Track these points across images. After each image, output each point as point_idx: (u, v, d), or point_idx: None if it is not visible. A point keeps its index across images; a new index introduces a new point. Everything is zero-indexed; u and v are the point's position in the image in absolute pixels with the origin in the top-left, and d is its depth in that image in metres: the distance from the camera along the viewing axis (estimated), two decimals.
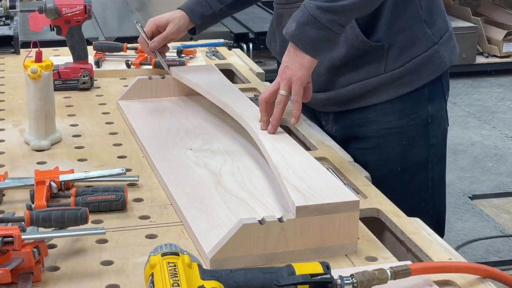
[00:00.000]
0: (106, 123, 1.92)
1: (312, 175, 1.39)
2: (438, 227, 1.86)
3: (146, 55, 2.35)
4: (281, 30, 1.69)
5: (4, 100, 2.09)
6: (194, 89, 1.94)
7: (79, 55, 2.17)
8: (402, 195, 1.66)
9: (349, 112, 1.82)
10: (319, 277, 1.10)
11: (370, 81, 1.76)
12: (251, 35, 3.55)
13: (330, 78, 1.79)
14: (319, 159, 1.71)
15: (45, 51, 2.57)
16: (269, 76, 2.57)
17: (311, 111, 1.94)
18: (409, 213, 1.48)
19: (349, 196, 1.32)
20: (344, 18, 1.57)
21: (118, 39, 2.89)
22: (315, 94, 1.75)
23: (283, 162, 1.45)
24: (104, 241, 1.33)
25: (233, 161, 1.64)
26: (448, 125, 1.90)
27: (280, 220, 1.26)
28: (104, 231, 1.23)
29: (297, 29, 1.57)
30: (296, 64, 1.58)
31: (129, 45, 2.41)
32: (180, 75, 2.00)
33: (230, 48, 2.66)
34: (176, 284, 1.03)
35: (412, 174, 1.83)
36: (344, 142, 1.84)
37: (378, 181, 1.67)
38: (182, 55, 2.41)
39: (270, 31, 1.97)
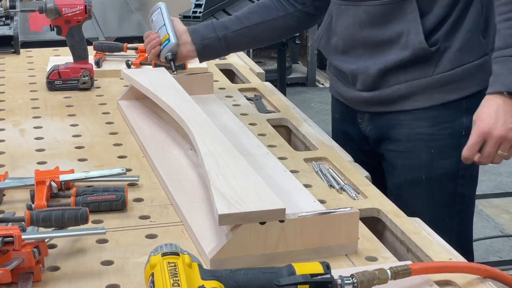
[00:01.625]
0: (106, 123, 1.92)
1: (243, 182, 1.36)
2: (464, 246, 1.79)
3: (146, 55, 2.35)
4: (340, 27, 1.80)
5: (4, 100, 2.09)
6: (142, 91, 1.93)
7: (79, 55, 2.17)
8: (426, 204, 1.72)
9: (385, 114, 1.81)
10: (320, 277, 1.10)
11: (417, 82, 1.75)
12: None
13: (379, 78, 1.78)
14: (319, 159, 1.71)
15: (45, 51, 2.58)
16: (269, 76, 2.58)
17: (348, 109, 1.91)
18: (432, 224, 1.45)
19: (276, 204, 1.28)
20: None
21: (118, 39, 2.89)
22: (359, 93, 1.81)
23: (216, 167, 1.42)
24: (104, 241, 1.33)
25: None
26: None
27: (280, 220, 1.26)
28: (104, 231, 1.23)
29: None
30: None
31: (129, 45, 2.41)
32: (130, 78, 1.99)
33: None
34: (177, 284, 1.03)
35: (439, 184, 1.78)
36: (376, 142, 1.86)
37: (403, 186, 1.73)
38: None
39: (323, 28, 1.91)
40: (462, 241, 1.83)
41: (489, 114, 1.55)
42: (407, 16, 1.72)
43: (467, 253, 1.84)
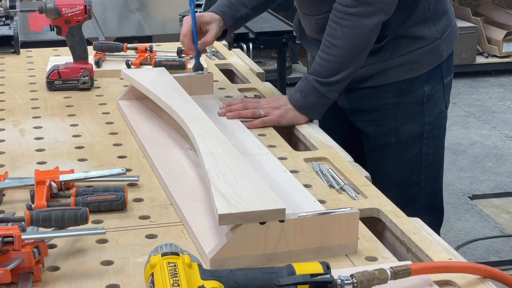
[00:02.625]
0: (106, 123, 1.92)
1: (243, 182, 1.36)
2: (432, 199, 2.08)
3: (146, 55, 2.35)
4: (305, 28, 2.08)
5: (4, 100, 2.09)
6: (142, 91, 1.93)
7: (79, 55, 2.17)
8: (396, 164, 2.02)
9: (355, 89, 2.01)
10: (319, 277, 1.10)
11: (375, 65, 1.95)
12: (251, 35, 3.55)
13: None
14: (319, 159, 1.71)
15: (45, 51, 2.58)
16: (269, 76, 2.58)
17: None
18: (403, 182, 1.99)
19: (276, 204, 1.28)
20: (339, 87, 1.89)
21: (118, 39, 2.89)
22: None
23: (216, 167, 1.42)
24: (104, 241, 1.33)
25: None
26: (447, 107, 2.07)
27: (280, 220, 1.26)
28: (104, 231, 1.23)
29: (302, 98, 1.90)
30: (290, 115, 1.91)
31: (129, 45, 2.41)
32: (130, 78, 1.99)
33: (230, 48, 2.66)
34: (176, 284, 1.03)
35: (406, 146, 2.02)
36: (351, 114, 2.09)
37: (376, 150, 2.03)
38: (182, 55, 2.41)
39: (296, 21, 2.16)
40: (429, 195, 2.07)
41: (280, 109, 1.92)
42: None
43: (437, 207, 2.10)
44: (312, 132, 1.87)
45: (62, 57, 2.37)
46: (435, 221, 2.04)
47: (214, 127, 1.63)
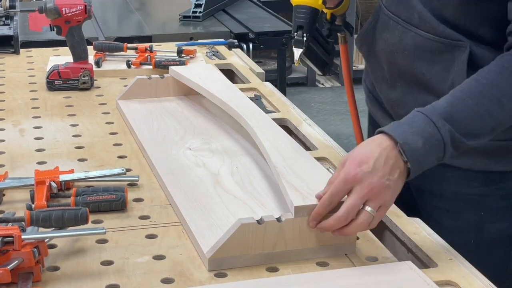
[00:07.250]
0: (106, 123, 1.92)
1: (311, 175, 1.39)
2: None
3: (146, 55, 2.35)
4: (385, 41, 1.56)
5: (4, 100, 2.09)
6: (193, 88, 1.95)
7: (79, 55, 2.17)
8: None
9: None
10: None
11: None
12: (251, 35, 3.55)
13: None
14: (319, 159, 1.71)
15: (45, 51, 2.58)
16: (269, 76, 2.57)
17: None
18: None
19: None
20: (464, 150, 1.30)
21: (118, 39, 2.89)
22: None
23: (282, 161, 1.45)
24: (104, 241, 1.33)
25: (232, 160, 1.64)
26: None
27: (278, 220, 1.26)
28: (104, 231, 1.23)
29: (423, 151, 1.24)
30: (398, 188, 1.25)
31: (129, 45, 2.41)
32: (179, 75, 2.00)
33: (230, 48, 2.66)
34: None
35: (489, 249, 1.53)
36: (418, 192, 1.60)
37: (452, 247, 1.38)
38: (182, 55, 2.41)
39: (365, 31, 1.64)
40: None
41: (367, 159, 1.21)
42: (454, 65, 1.46)
43: None
44: (312, 132, 1.87)
45: (62, 57, 2.37)
46: None
47: (272, 121, 1.67)
